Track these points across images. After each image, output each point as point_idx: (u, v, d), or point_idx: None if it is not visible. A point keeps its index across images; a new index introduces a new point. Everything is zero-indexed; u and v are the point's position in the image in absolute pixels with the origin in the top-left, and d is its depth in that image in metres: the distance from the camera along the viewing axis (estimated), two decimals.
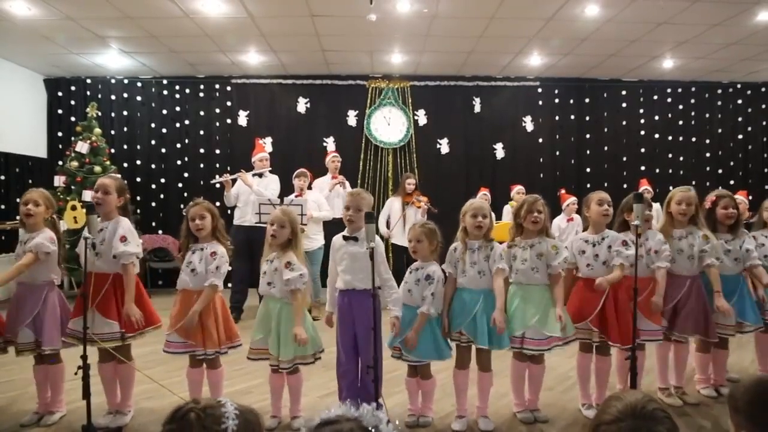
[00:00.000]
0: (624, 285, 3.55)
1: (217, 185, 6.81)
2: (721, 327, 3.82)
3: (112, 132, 8.71)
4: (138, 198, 8.57)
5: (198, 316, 3.38)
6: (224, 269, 3.48)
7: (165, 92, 8.87)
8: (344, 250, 3.44)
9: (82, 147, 7.54)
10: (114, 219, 3.55)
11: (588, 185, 8.83)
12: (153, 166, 8.86)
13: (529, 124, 9.13)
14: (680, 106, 9.28)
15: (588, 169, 9.26)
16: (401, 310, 3.41)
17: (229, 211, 6.86)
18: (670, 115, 9.27)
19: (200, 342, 3.41)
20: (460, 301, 3.48)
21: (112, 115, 8.77)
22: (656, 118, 9.26)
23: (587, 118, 9.26)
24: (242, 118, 8.88)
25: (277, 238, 3.44)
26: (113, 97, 8.77)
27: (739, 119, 9.34)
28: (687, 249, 3.78)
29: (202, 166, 8.86)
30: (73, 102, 8.74)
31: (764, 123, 9.35)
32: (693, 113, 9.31)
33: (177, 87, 8.87)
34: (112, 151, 8.42)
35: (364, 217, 3.25)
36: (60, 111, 8.72)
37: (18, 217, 3.68)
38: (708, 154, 9.32)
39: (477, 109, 9.06)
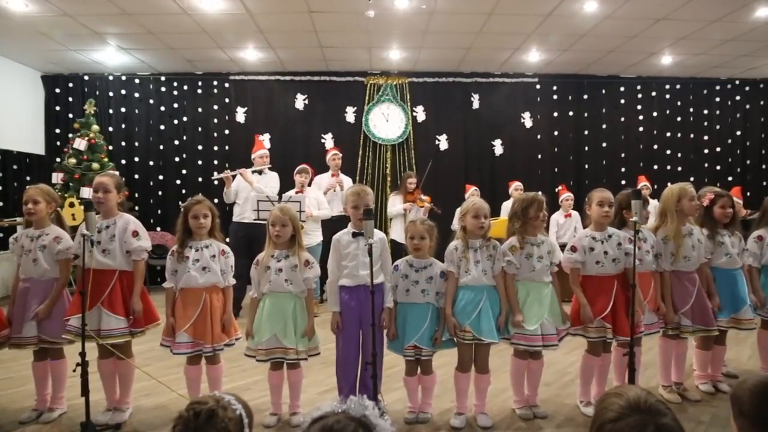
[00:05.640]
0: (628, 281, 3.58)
1: (216, 182, 6.80)
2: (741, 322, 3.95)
3: (110, 129, 8.69)
4: (136, 195, 8.55)
5: (210, 314, 3.43)
6: (233, 266, 3.64)
7: (163, 89, 8.85)
8: (355, 246, 3.44)
9: (80, 144, 7.52)
10: (118, 215, 3.56)
11: (586, 181, 8.85)
12: (151, 162, 8.84)
13: (527, 120, 9.12)
14: (678, 103, 9.27)
15: (586, 166, 9.26)
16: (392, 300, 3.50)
17: (227, 208, 6.86)
18: (668, 112, 9.27)
19: (210, 339, 3.43)
20: (464, 298, 3.48)
21: (110, 111, 8.75)
22: (654, 114, 9.26)
23: (586, 115, 9.26)
24: (240, 115, 8.86)
25: (281, 237, 3.46)
26: (111, 94, 8.75)
27: (738, 115, 9.33)
28: (697, 244, 3.83)
29: (200, 162, 8.85)
30: (70, 99, 8.71)
31: (762, 119, 9.35)
32: (691, 109, 9.30)
33: (175, 84, 8.84)
34: (110, 148, 8.41)
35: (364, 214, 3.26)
36: (58, 108, 8.69)
37: (17, 216, 3.68)
38: (706, 151, 9.32)
39: (476, 105, 9.05)
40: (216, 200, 6.74)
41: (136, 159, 8.81)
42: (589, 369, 3.69)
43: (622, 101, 9.26)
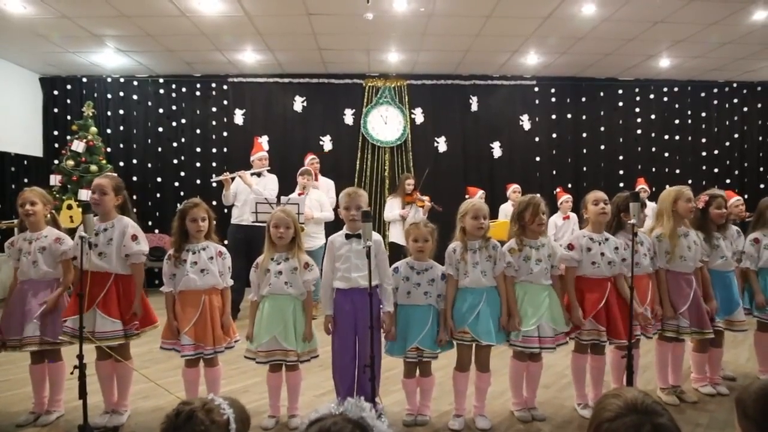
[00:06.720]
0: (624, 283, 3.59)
1: (214, 184, 6.80)
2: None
3: (108, 131, 8.68)
4: (134, 197, 8.52)
5: (209, 316, 3.43)
6: (230, 267, 3.64)
7: (161, 91, 8.85)
8: (347, 248, 3.43)
9: (78, 146, 7.51)
10: (116, 218, 3.55)
11: (584, 184, 8.85)
12: (149, 165, 8.83)
13: (526, 122, 9.14)
14: (676, 105, 9.30)
15: (584, 168, 9.28)
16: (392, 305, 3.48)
17: (225, 210, 6.86)
18: (666, 114, 9.30)
19: (211, 341, 3.43)
20: (463, 300, 3.49)
21: (108, 113, 8.74)
22: (652, 117, 9.28)
23: (584, 117, 9.27)
24: (238, 117, 8.87)
25: (284, 239, 3.47)
26: (109, 96, 8.74)
27: (735, 118, 9.36)
28: (693, 246, 3.82)
29: (198, 165, 8.85)
30: (69, 101, 8.70)
31: (760, 122, 9.37)
32: (689, 112, 9.32)
33: (173, 86, 8.84)
34: (108, 150, 8.41)
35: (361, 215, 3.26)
36: (56, 110, 8.69)
37: (15, 218, 3.68)
38: (704, 153, 9.34)
39: (474, 107, 9.07)
40: (214, 202, 6.77)
41: (135, 161, 8.81)
42: (579, 368, 3.70)
43: (620, 104, 9.28)
